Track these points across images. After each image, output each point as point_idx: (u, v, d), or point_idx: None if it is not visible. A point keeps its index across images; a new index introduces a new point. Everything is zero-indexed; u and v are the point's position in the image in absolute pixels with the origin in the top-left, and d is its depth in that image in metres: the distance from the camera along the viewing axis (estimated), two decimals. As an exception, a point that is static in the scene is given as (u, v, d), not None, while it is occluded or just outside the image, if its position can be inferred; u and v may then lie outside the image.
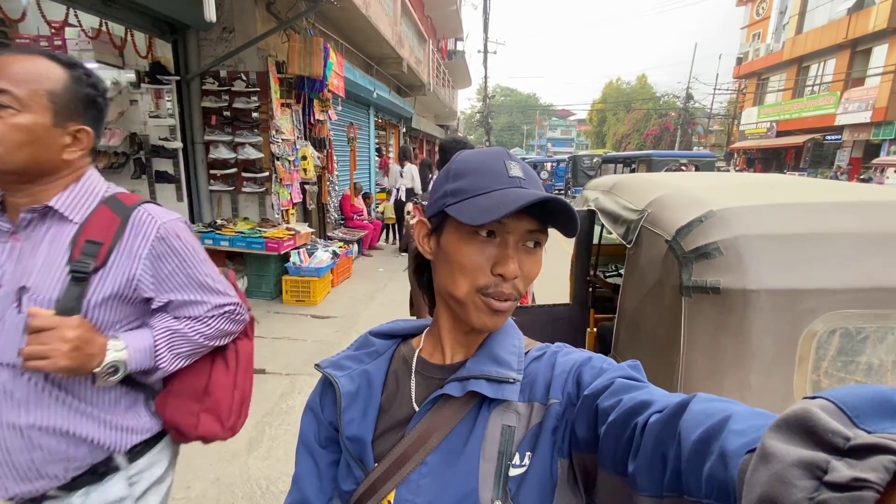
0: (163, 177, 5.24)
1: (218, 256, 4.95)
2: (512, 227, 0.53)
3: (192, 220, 5.34)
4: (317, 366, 0.64)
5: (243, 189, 5.27)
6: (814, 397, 0.27)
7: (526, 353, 0.60)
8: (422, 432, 0.56)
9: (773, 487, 0.25)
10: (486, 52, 24.60)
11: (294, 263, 4.94)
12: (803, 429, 0.26)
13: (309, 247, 5.29)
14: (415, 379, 0.61)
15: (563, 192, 17.27)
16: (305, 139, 5.78)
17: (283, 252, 4.81)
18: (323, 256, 5.20)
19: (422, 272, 0.66)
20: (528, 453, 0.53)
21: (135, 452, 0.97)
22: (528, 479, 0.52)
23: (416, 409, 0.58)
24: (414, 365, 0.62)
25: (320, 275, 4.94)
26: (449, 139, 2.45)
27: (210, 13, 3.49)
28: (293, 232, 5.01)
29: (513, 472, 0.52)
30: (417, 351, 0.63)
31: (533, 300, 2.61)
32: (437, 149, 2.50)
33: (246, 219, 5.39)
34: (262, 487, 2.26)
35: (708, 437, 0.34)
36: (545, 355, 0.59)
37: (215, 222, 5.17)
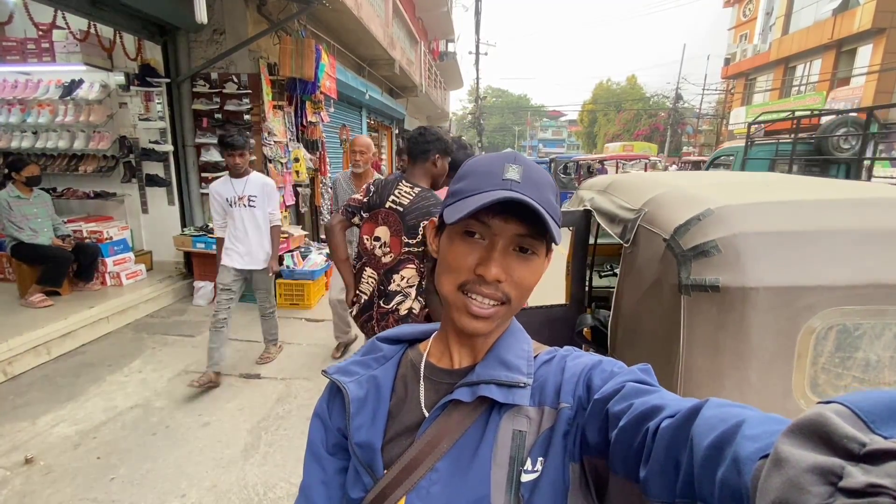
0: (153, 180, 5.18)
1: (210, 260, 4.91)
2: (498, 229, 0.53)
3: (184, 224, 5.29)
4: (324, 372, 0.64)
5: (235, 192, 5.23)
6: (828, 402, 0.27)
7: (535, 357, 0.59)
8: (431, 438, 0.55)
9: (787, 493, 0.25)
10: (477, 53, 24.65)
11: (287, 266, 4.91)
12: (818, 434, 0.25)
13: (302, 250, 5.26)
14: (423, 384, 0.60)
15: None
16: (298, 141, 5.74)
17: (276, 255, 4.78)
18: (317, 259, 5.17)
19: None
20: (540, 458, 0.52)
21: None
22: (540, 485, 0.51)
23: (426, 414, 0.58)
24: (422, 370, 0.61)
25: (314, 278, 4.91)
26: (415, 131, 2.13)
27: (200, 15, 3.46)
28: (286, 235, 4.97)
29: (525, 477, 0.52)
30: (425, 355, 0.63)
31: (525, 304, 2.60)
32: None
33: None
34: (260, 494, 2.23)
35: (721, 442, 0.34)
36: (555, 359, 0.58)
37: (207, 226, 5.12)
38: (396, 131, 13.29)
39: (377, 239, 2.06)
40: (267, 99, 5.00)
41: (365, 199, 2.10)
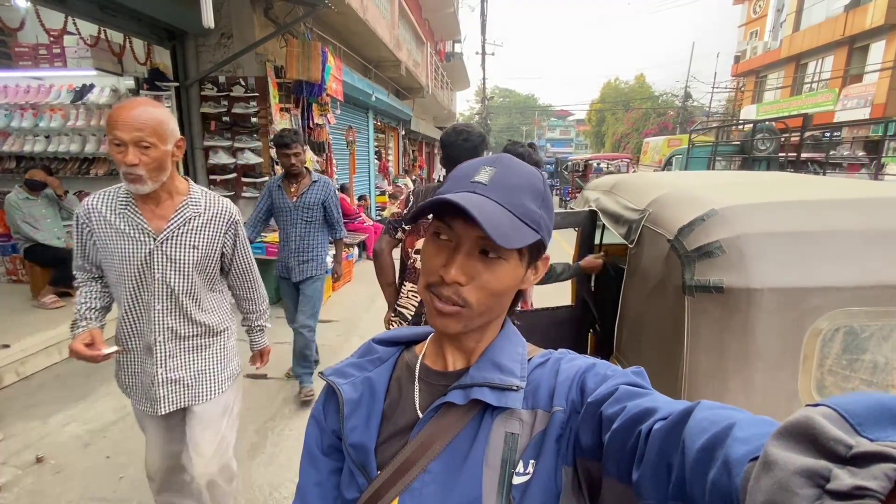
0: (163, 183, 5.24)
1: (218, 262, 4.94)
2: (461, 231, 0.53)
3: (193, 226, 5.34)
4: (320, 374, 0.64)
5: (243, 194, 5.27)
6: (816, 405, 0.27)
7: (529, 360, 0.59)
8: (425, 439, 0.55)
9: (776, 495, 0.25)
10: (483, 53, 24.66)
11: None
12: (806, 436, 0.26)
13: (309, 251, 5.27)
14: (418, 386, 0.60)
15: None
16: (304, 143, 5.78)
17: (283, 256, 4.80)
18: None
19: None
20: (531, 461, 0.52)
21: None
22: (531, 487, 0.51)
23: (420, 415, 0.58)
24: (417, 372, 0.61)
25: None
26: (448, 131, 1.98)
27: (208, 19, 3.49)
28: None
29: (516, 479, 0.52)
30: (420, 357, 0.63)
31: (530, 306, 2.60)
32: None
33: (246, 223, 5.39)
34: (265, 494, 2.24)
35: (712, 445, 0.34)
36: (548, 362, 0.58)
37: (215, 227, 5.16)
38: (403, 132, 13.33)
39: (418, 252, 1.95)
40: (274, 101, 5.03)
41: (405, 211, 2.01)
